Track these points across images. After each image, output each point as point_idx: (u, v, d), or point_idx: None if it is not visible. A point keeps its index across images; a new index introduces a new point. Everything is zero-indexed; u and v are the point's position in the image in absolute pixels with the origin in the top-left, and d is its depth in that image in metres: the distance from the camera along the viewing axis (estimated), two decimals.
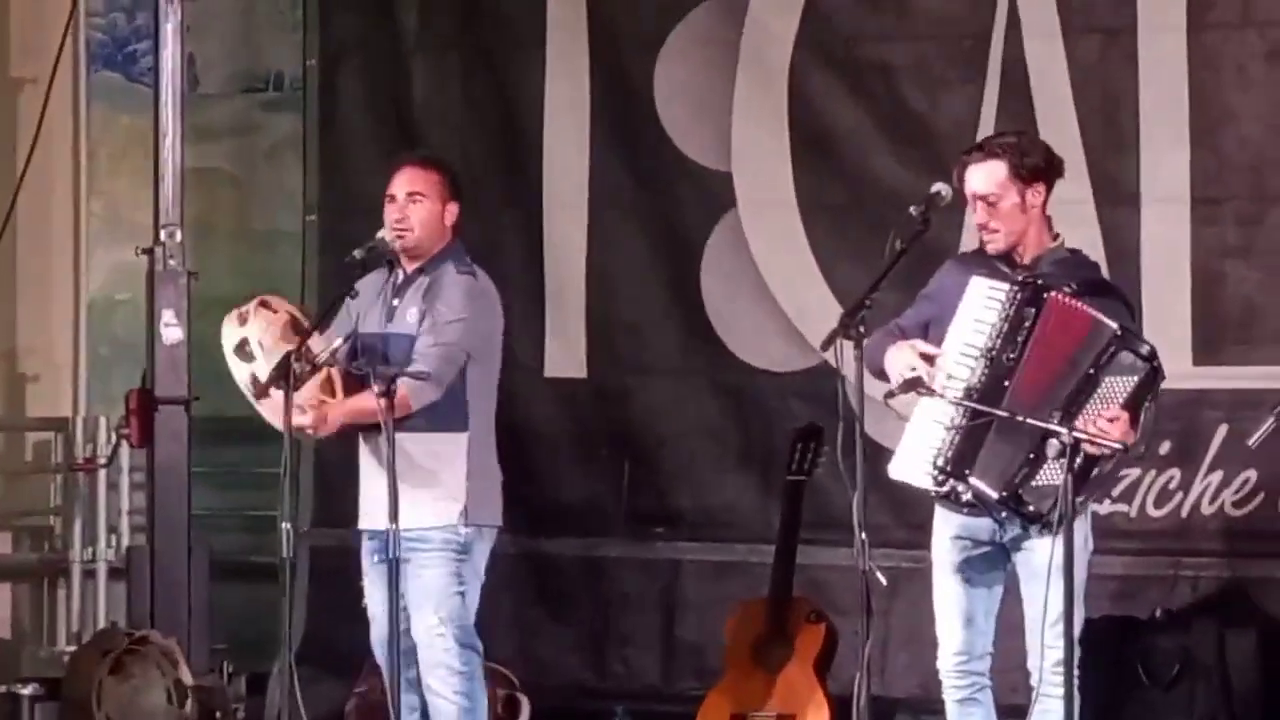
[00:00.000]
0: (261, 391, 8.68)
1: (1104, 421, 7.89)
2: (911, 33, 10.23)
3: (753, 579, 9.85)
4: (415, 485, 8.67)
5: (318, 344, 8.67)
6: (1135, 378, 7.89)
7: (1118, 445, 7.86)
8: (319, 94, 11.20)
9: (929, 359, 8.09)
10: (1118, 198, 9.76)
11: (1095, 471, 7.96)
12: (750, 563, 10.03)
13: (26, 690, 10.45)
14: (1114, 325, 7.97)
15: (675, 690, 10.09)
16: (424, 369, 8.69)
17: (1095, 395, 7.97)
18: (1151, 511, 9.61)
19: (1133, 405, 7.89)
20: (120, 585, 11.25)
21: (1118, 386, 7.93)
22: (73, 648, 11.30)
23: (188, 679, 10.30)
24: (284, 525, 8.84)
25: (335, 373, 8.79)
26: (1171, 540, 9.70)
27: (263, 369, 8.66)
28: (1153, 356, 7.94)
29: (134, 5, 11.66)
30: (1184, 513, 9.72)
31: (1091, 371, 7.96)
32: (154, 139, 11.13)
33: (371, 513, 8.88)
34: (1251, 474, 9.56)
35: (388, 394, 8.52)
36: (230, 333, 8.89)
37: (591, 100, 10.74)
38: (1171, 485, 9.71)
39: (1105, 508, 8.79)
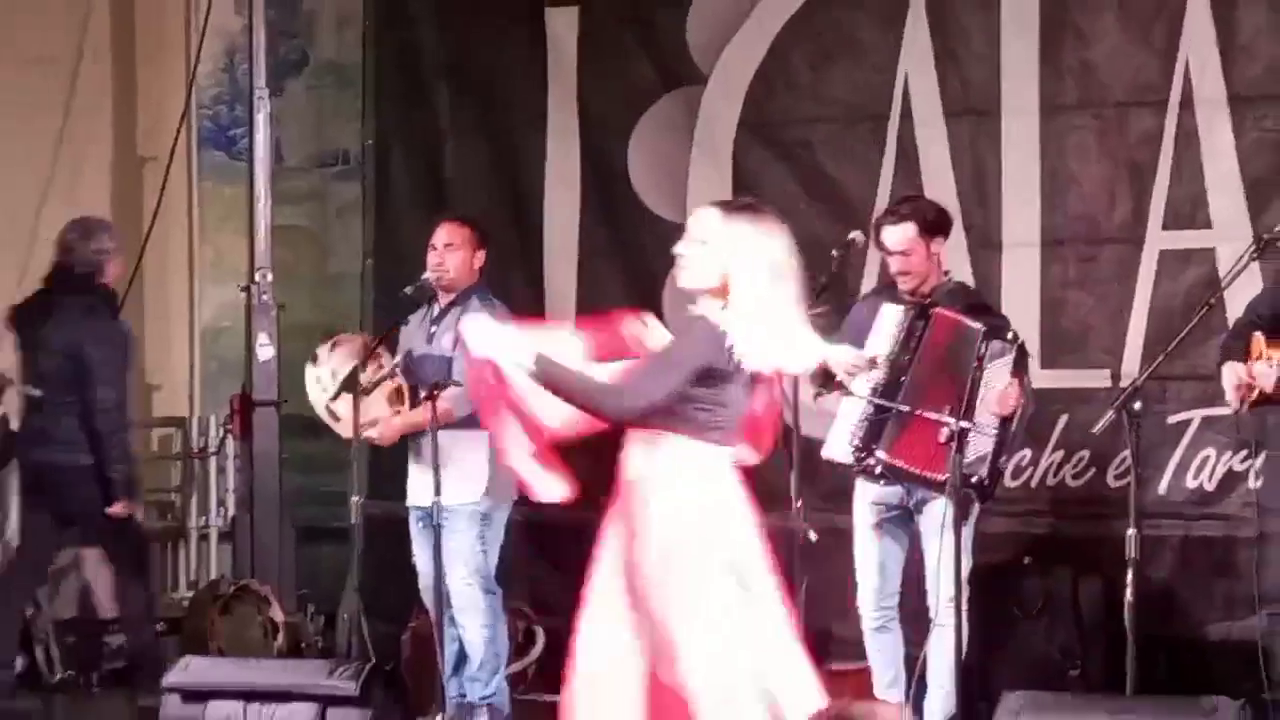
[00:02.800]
0: (334, 415, 8.79)
1: (1002, 404, 7.97)
2: (827, 116, 10.03)
3: None
4: (448, 470, 8.50)
5: (384, 361, 8.74)
6: (1009, 357, 7.91)
7: (993, 431, 7.96)
8: (375, 167, 10.95)
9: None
10: (985, 243, 9.50)
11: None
12: None
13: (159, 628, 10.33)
14: (979, 325, 8.02)
15: None
16: (461, 384, 8.38)
17: (984, 383, 7.93)
18: (1009, 483, 9.14)
19: (1016, 374, 7.98)
20: (227, 546, 11.10)
21: (999, 368, 7.96)
22: (190, 594, 11.21)
23: (279, 617, 10.20)
24: (353, 499, 8.86)
25: (404, 386, 8.76)
26: (1025, 505, 9.41)
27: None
28: (1016, 338, 8.05)
29: (234, 99, 11.46)
30: (1033, 482, 9.46)
31: (977, 365, 7.92)
32: (249, 203, 11.01)
33: (416, 491, 8.84)
34: (1086, 453, 9.30)
35: (432, 400, 8.39)
36: (310, 374, 8.95)
37: (581, 170, 10.50)
38: (1024, 462, 9.41)
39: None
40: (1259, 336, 7.67)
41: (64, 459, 9.55)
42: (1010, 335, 8.02)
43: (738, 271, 6.45)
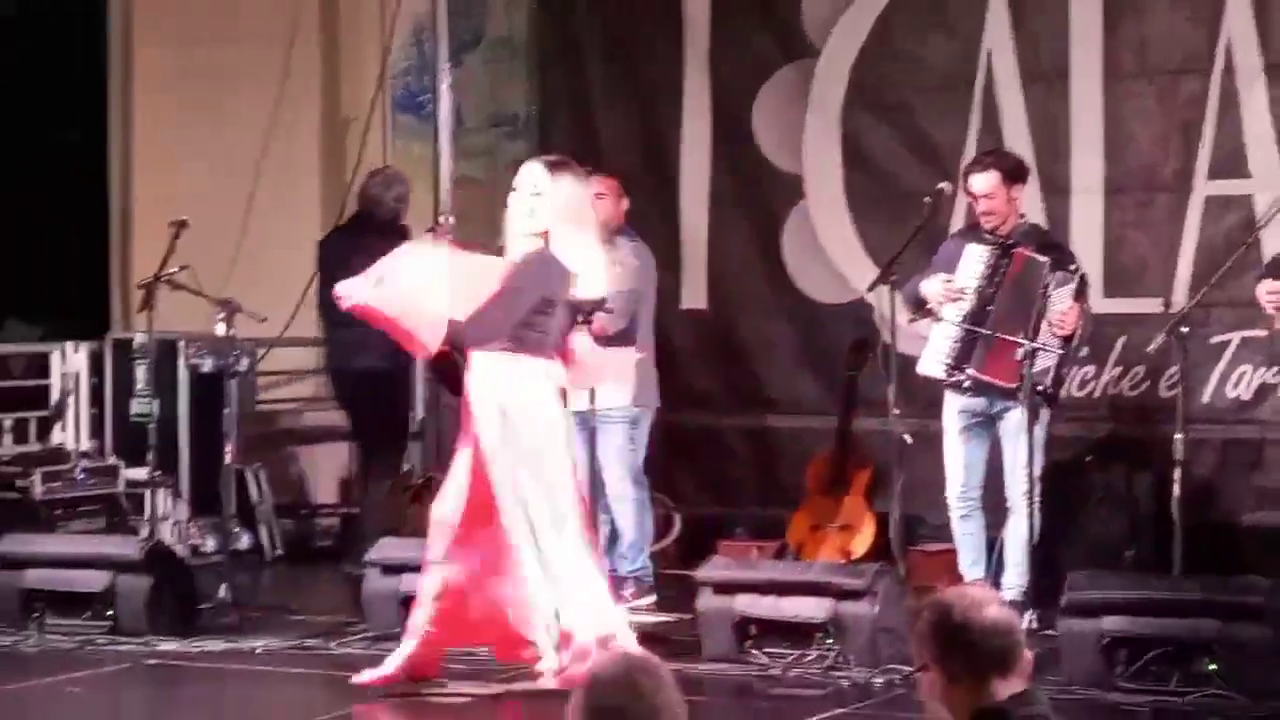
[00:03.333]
0: None
1: (1063, 322, 7.98)
2: (922, 83, 10.07)
3: (821, 440, 9.66)
4: (604, 379, 8.36)
5: None
6: (1071, 285, 7.96)
7: (1079, 348, 8.18)
8: (539, 128, 11.08)
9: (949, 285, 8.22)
10: (1056, 189, 9.55)
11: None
12: (819, 429, 9.79)
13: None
14: (1047, 259, 8.07)
15: (772, 512, 9.81)
16: (611, 308, 8.35)
17: (1050, 305, 7.98)
18: (1075, 394, 9.33)
19: (1078, 298, 8.02)
20: (416, 444, 10.75)
21: (1062, 295, 7.99)
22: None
23: None
24: None
25: None
26: (1089, 412, 9.49)
27: None
28: (1078, 270, 8.13)
29: (421, 70, 11.38)
30: (1096, 393, 9.53)
31: (1043, 292, 7.98)
32: (434, 158, 10.97)
33: (575, 398, 8.50)
34: (1141, 369, 9.38)
35: (589, 323, 8.11)
36: None
37: (713, 128, 10.54)
38: (1088, 377, 9.49)
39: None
40: None
41: (379, 366, 9.72)
42: (1073, 268, 8.12)
43: (561, 217, 6.92)
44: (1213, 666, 6.91)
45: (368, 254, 9.73)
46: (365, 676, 7.19)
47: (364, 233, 9.84)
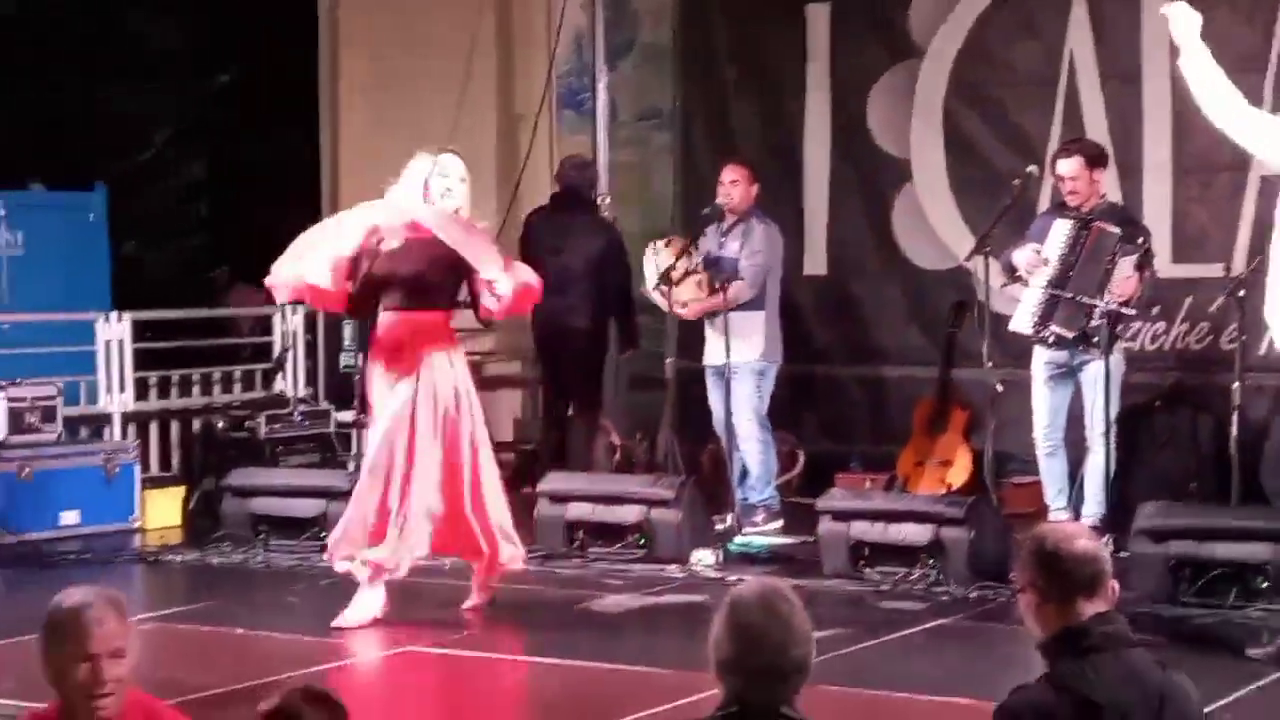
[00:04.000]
0: (663, 294, 8.63)
1: (1121, 289, 7.85)
2: (1013, 81, 9.89)
3: (925, 385, 9.50)
4: (735, 338, 8.50)
5: (693, 258, 8.68)
6: (1135, 254, 7.82)
7: (1130, 310, 7.94)
8: (681, 121, 10.90)
9: (1037, 254, 8.10)
10: (1129, 172, 9.26)
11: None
12: (922, 378, 9.63)
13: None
14: (1117, 230, 7.96)
15: (882, 449, 9.66)
16: (744, 278, 8.58)
17: (1117, 270, 7.88)
18: (1147, 347, 9.15)
19: (1140, 268, 7.84)
20: None
21: (1127, 263, 7.87)
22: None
23: (617, 442, 10.16)
24: (668, 360, 8.93)
25: (705, 278, 8.66)
26: (1159, 363, 9.22)
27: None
28: (1146, 241, 7.99)
29: (581, 73, 11.32)
30: (1165, 347, 9.25)
31: (1111, 256, 7.88)
32: (593, 147, 10.96)
33: (712, 353, 8.83)
34: (1205, 325, 9.10)
35: (724, 289, 8.44)
36: (647, 259, 8.84)
37: (832, 121, 10.36)
38: (1159, 331, 9.24)
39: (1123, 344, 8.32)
40: None
41: (581, 325, 9.65)
42: (1140, 240, 7.96)
43: (469, 202, 7.08)
44: (1265, 584, 6.78)
45: (579, 227, 9.85)
46: (344, 621, 6.86)
47: (567, 209, 9.85)
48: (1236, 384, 7.43)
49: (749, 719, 3.38)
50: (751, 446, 8.80)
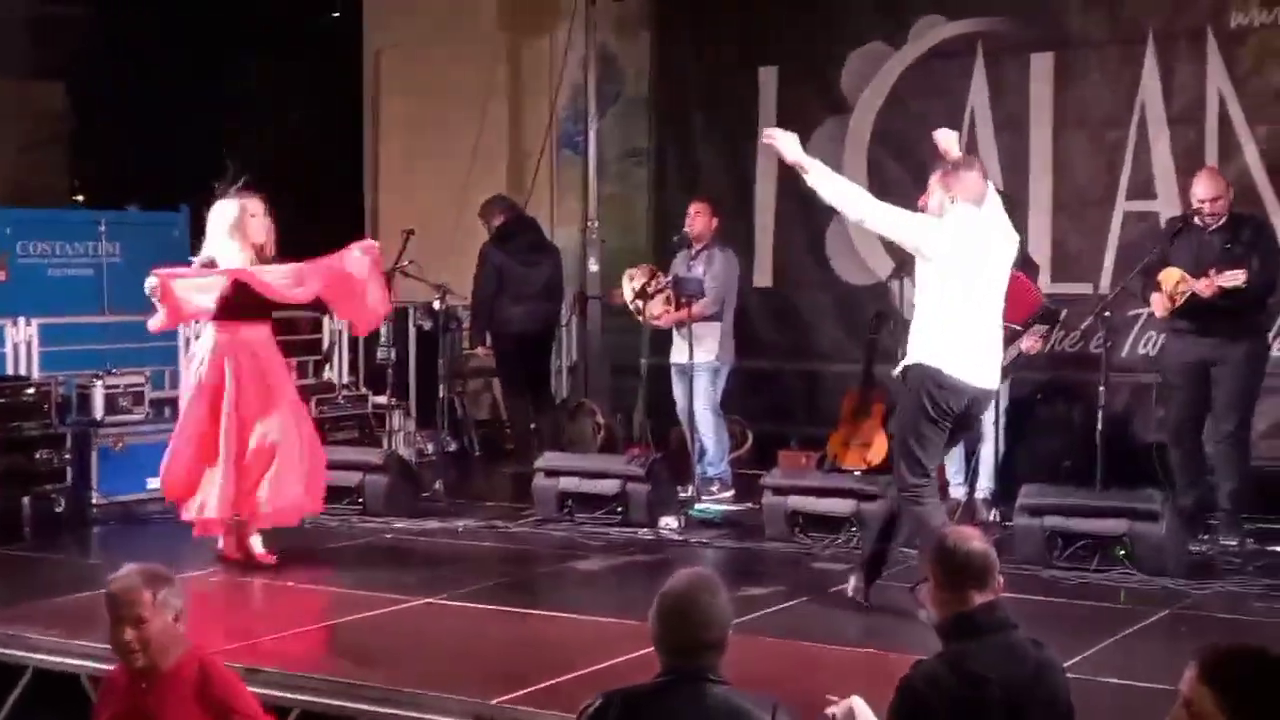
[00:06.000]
0: (637, 309, 8.66)
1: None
2: (924, 130, 9.31)
3: (851, 379, 9.31)
4: (697, 343, 8.46)
5: (663, 279, 8.66)
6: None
7: (1019, 327, 7.51)
8: (655, 160, 10.88)
9: None
10: (1017, 206, 8.53)
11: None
12: (849, 373, 9.44)
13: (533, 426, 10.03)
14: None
15: (816, 430, 9.48)
16: (707, 297, 8.51)
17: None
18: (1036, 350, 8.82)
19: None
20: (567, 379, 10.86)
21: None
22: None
23: (601, 421, 10.08)
24: (642, 359, 8.87)
25: (673, 294, 8.61)
26: (1047, 364, 8.80)
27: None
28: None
29: (577, 119, 11.26)
30: (1045, 350, 8.62)
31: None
32: (583, 181, 10.95)
33: (677, 354, 8.68)
34: (1078, 333, 8.92)
35: (689, 304, 8.38)
36: (625, 282, 8.85)
37: (778, 162, 9.67)
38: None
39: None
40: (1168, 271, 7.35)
41: (538, 330, 9.63)
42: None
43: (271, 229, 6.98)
44: (1122, 553, 6.73)
45: (543, 245, 9.79)
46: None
47: (523, 236, 9.73)
48: (1102, 387, 7.34)
49: (681, 684, 3.37)
50: (708, 430, 8.73)
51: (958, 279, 5.84)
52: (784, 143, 5.83)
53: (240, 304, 6.83)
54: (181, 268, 7.07)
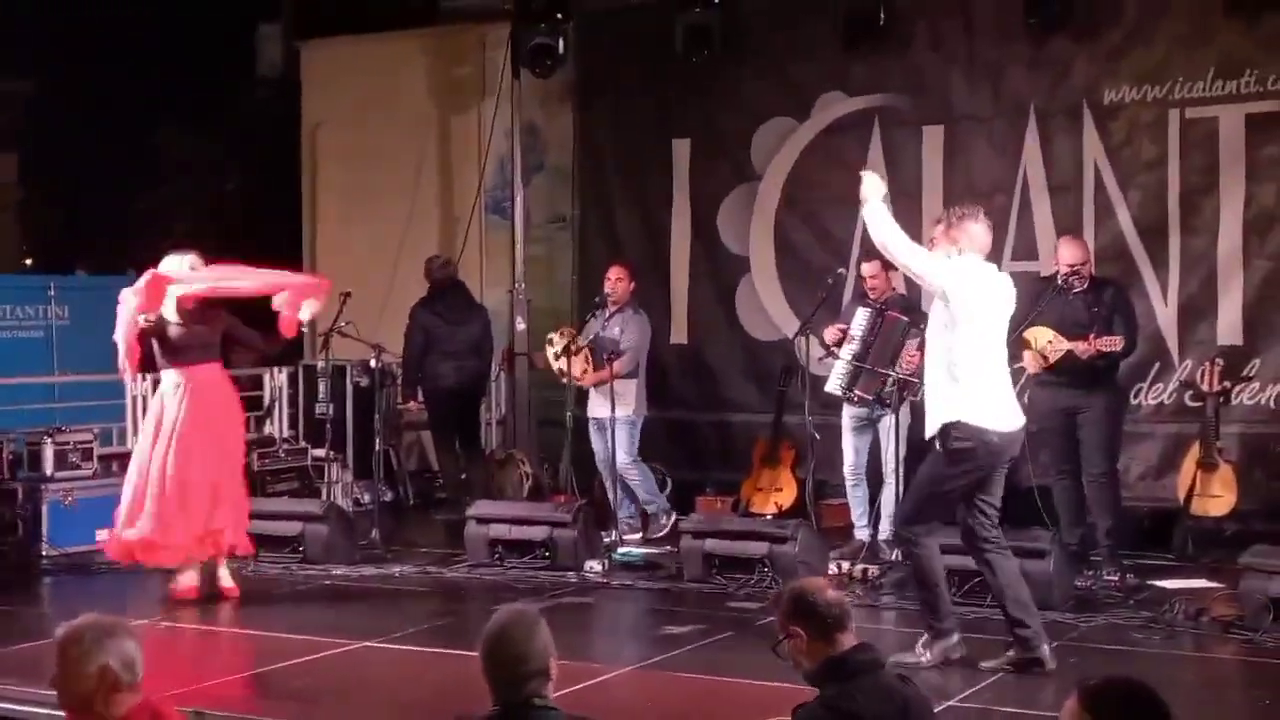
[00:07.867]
0: (561, 370, 8.70)
1: (908, 363, 7.72)
2: (826, 198, 9.81)
3: (762, 429, 9.46)
4: (618, 400, 8.44)
5: (581, 340, 8.70)
6: (919, 337, 7.44)
7: (914, 379, 7.61)
8: (579, 225, 10.83)
9: (843, 333, 8.04)
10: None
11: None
12: (760, 423, 9.59)
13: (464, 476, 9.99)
14: (905, 318, 7.80)
15: (730, 476, 9.61)
16: (625, 357, 8.50)
17: (904, 348, 7.76)
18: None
19: (920, 348, 7.40)
20: (499, 429, 10.78)
21: (914, 341, 7.68)
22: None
23: (529, 470, 10.01)
24: (567, 413, 8.92)
25: (588, 354, 8.65)
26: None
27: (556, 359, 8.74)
28: (921, 330, 7.48)
29: (504, 186, 11.27)
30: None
31: (901, 338, 7.77)
32: (511, 243, 10.94)
33: (596, 408, 8.80)
34: None
35: (610, 363, 8.35)
36: (546, 347, 8.91)
37: (691, 226, 10.34)
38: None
39: (909, 401, 8.12)
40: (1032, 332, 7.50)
41: (467, 385, 9.64)
42: (923, 326, 7.58)
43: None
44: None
45: (467, 306, 9.80)
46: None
47: (452, 296, 9.76)
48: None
49: (510, 715, 3.35)
50: (632, 476, 8.80)
51: (977, 322, 5.84)
52: (868, 183, 6.03)
53: (188, 346, 7.06)
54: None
